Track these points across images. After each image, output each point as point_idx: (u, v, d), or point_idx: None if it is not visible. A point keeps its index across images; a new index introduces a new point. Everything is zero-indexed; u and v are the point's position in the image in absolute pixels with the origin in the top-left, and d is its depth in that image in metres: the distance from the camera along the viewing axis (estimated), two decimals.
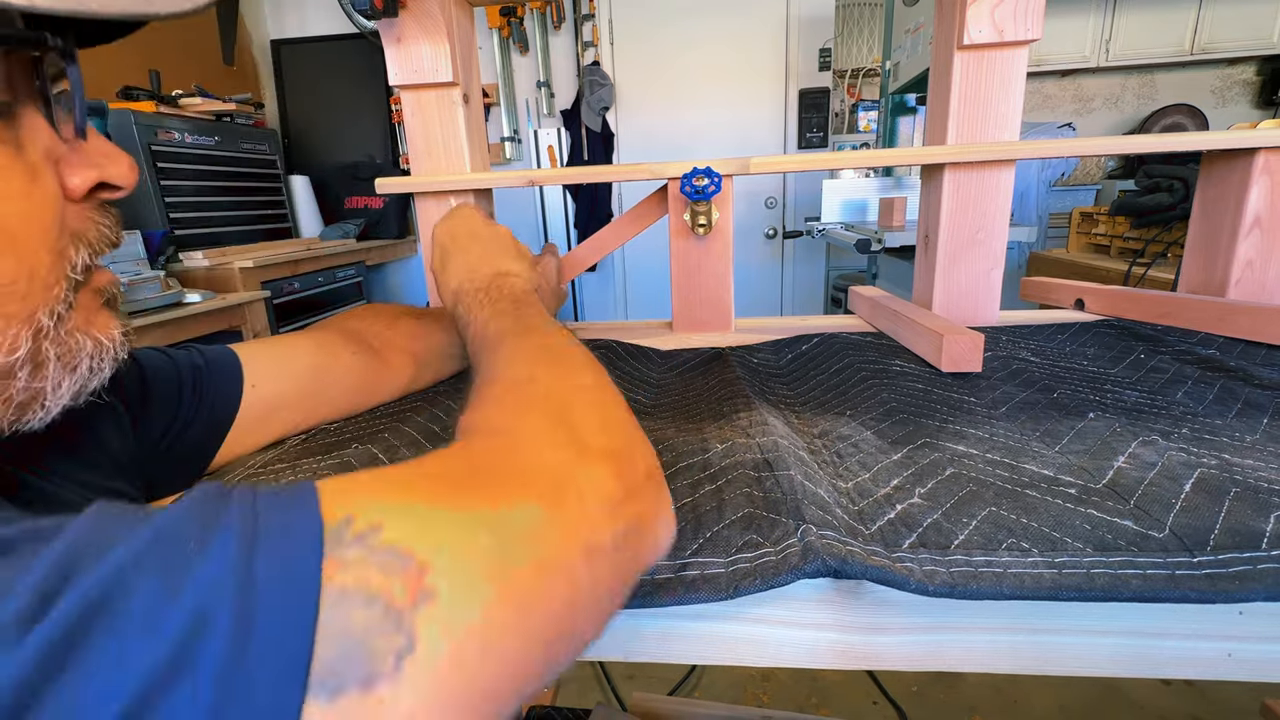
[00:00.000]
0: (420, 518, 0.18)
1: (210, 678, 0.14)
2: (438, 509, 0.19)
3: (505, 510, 0.20)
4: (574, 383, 0.31)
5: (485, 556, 0.18)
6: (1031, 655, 0.31)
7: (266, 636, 0.15)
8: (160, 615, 0.14)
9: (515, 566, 0.19)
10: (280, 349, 0.48)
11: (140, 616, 0.14)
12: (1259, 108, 2.98)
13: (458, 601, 0.17)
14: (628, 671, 1.31)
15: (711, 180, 0.68)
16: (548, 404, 0.28)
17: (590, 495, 0.23)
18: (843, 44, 3.22)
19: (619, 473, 0.24)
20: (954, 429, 0.45)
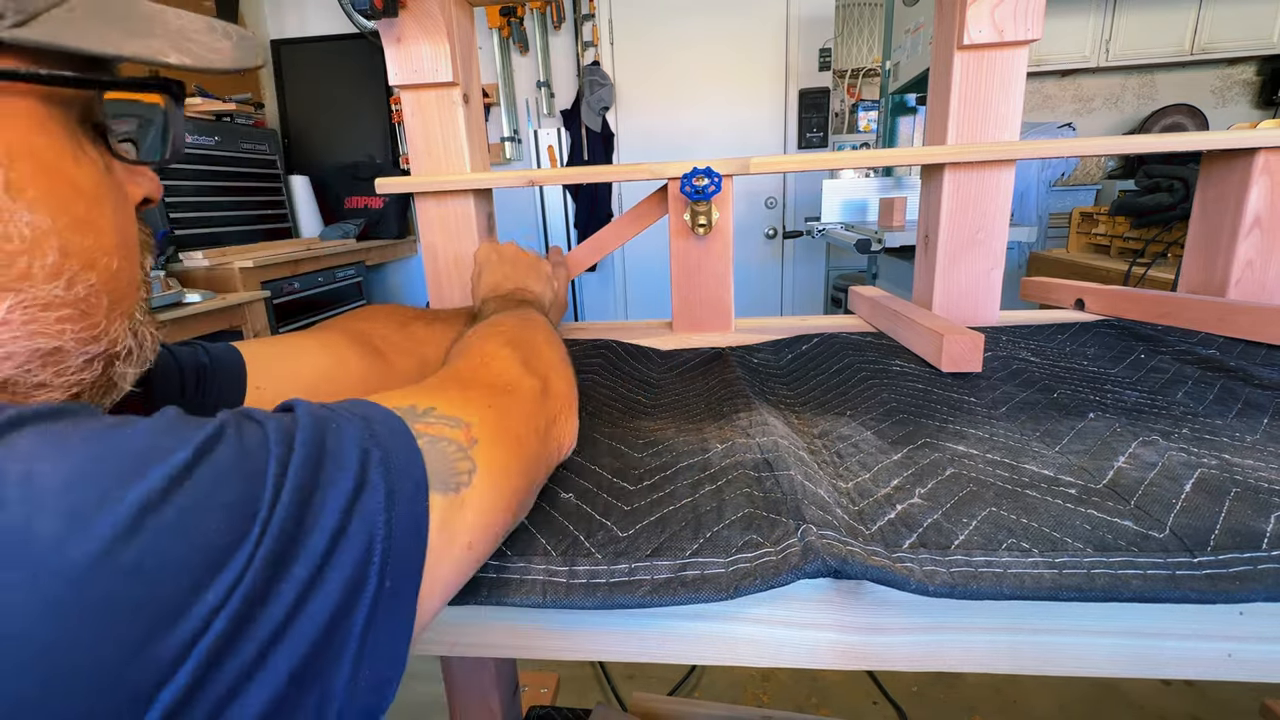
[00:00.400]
0: (454, 401, 0.30)
1: (381, 484, 0.23)
2: (461, 398, 0.31)
3: (494, 399, 0.32)
4: (527, 335, 0.43)
5: (495, 422, 0.30)
6: (1031, 655, 0.31)
7: (399, 465, 0.24)
8: (345, 459, 0.22)
9: (509, 429, 0.31)
10: (286, 351, 0.47)
11: (336, 462, 0.22)
12: (1259, 108, 2.98)
13: (491, 445, 0.29)
14: (628, 671, 1.31)
15: (711, 180, 0.68)
16: (508, 341, 0.40)
17: (528, 394, 0.35)
18: (843, 44, 3.22)
19: (543, 387, 0.37)
20: (954, 429, 0.45)
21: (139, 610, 0.16)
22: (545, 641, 0.33)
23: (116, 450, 0.18)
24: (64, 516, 0.16)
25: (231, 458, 0.20)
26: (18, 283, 0.24)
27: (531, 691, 1.18)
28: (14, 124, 0.24)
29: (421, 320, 0.60)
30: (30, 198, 0.24)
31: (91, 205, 0.27)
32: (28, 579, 0.15)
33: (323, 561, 0.20)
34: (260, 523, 0.19)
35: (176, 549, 0.17)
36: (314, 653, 0.19)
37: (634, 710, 0.96)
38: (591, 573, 0.31)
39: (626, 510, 0.36)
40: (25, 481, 0.16)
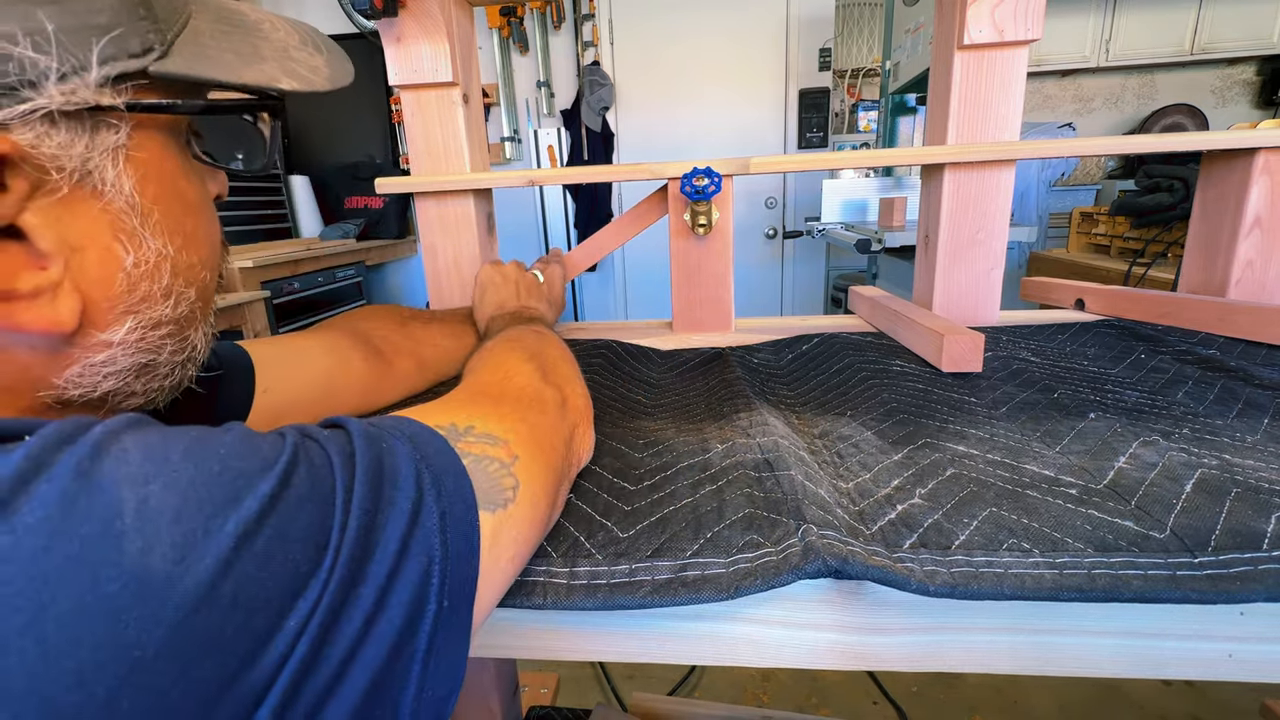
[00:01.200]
0: (489, 417, 0.30)
1: (435, 507, 0.23)
2: (496, 414, 0.31)
3: (525, 413, 0.33)
4: (543, 349, 0.44)
5: (530, 437, 0.31)
6: (1031, 655, 0.31)
7: (450, 487, 0.24)
8: (402, 481, 0.23)
9: (542, 442, 0.32)
10: (291, 353, 0.48)
11: (394, 484, 0.22)
12: (1259, 108, 2.98)
13: (530, 460, 0.29)
14: (628, 671, 1.31)
15: (711, 180, 0.68)
16: (528, 355, 0.41)
17: (551, 406, 0.36)
18: (843, 44, 3.22)
19: (562, 399, 0.38)
20: (954, 429, 0.45)
21: (237, 638, 0.17)
22: (545, 641, 0.33)
23: (214, 473, 0.19)
24: (176, 549, 0.17)
25: (307, 484, 0.20)
26: (139, 305, 0.26)
27: (531, 691, 1.18)
28: (148, 151, 0.25)
29: (419, 320, 0.60)
30: (155, 221, 0.26)
31: (197, 220, 0.29)
32: (146, 614, 0.16)
33: (386, 584, 0.20)
34: (333, 549, 0.20)
35: (266, 577, 0.18)
36: (383, 671, 0.20)
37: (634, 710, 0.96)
38: (592, 573, 0.31)
39: (627, 510, 0.36)
40: (141, 511, 0.17)
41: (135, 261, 0.25)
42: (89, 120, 0.23)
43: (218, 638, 0.17)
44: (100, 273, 0.24)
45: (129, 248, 0.25)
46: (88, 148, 0.23)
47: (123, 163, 0.24)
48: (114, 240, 0.24)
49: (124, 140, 0.24)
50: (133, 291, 0.25)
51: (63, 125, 0.22)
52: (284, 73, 0.29)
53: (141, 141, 0.25)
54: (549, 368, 0.41)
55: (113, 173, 0.24)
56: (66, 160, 0.23)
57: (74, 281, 0.24)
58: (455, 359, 0.61)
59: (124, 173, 0.24)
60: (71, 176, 0.23)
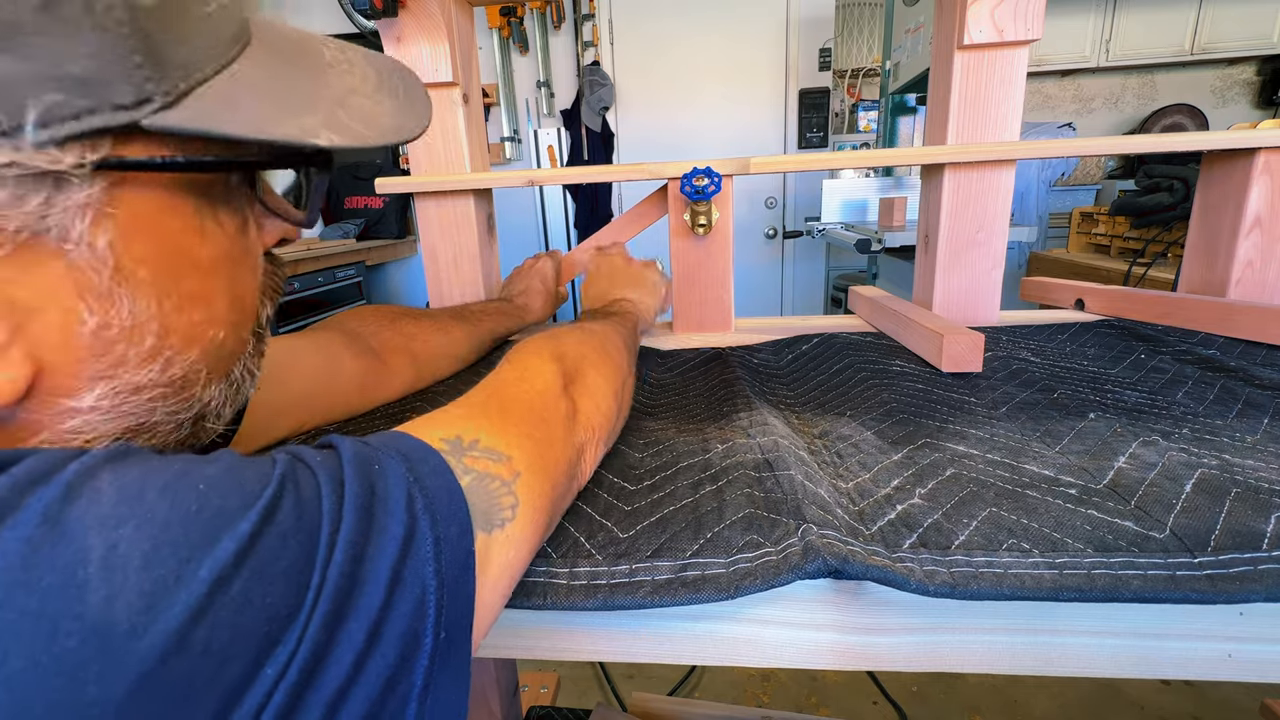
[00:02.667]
0: (496, 429, 0.29)
1: (429, 532, 0.22)
2: (502, 426, 0.29)
3: (534, 427, 0.31)
4: (580, 351, 0.42)
5: (535, 453, 0.30)
6: (1031, 655, 0.31)
7: (443, 510, 0.23)
8: (394, 505, 0.22)
9: (547, 459, 0.31)
10: (282, 355, 0.47)
11: (385, 508, 0.21)
12: (1259, 108, 2.98)
13: (531, 477, 0.29)
14: (628, 671, 1.31)
15: (711, 180, 0.68)
16: (556, 356, 0.39)
17: (561, 420, 0.34)
18: (843, 44, 3.22)
19: (572, 413, 0.36)
20: (954, 429, 0.45)
21: (208, 690, 0.16)
22: (545, 641, 0.33)
23: (191, 513, 0.18)
24: (144, 598, 0.16)
25: (292, 518, 0.19)
26: (111, 370, 0.23)
27: (531, 691, 1.18)
28: (139, 205, 0.23)
29: (409, 317, 0.61)
30: (139, 280, 0.23)
31: (206, 279, 0.26)
32: (108, 668, 0.15)
33: (379, 618, 0.19)
34: (314, 588, 0.19)
35: (243, 623, 0.17)
36: (379, 710, 0.19)
37: (634, 710, 0.96)
38: (592, 574, 0.31)
39: (627, 510, 0.36)
40: (108, 559, 0.16)
41: (103, 324, 0.22)
42: (48, 178, 0.20)
43: (187, 690, 0.16)
44: (58, 336, 0.22)
45: (95, 309, 0.22)
46: (46, 204, 0.20)
47: (92, 219, 0.21)
48: (79, 300, 0.22)
49: (98, 196, 0.21)
50: (103, 356, 0.23)
51: (10, 183, 0.19)
52: (326, 126, 0.26)
53: (125, 198, 0.22)
54: (575, 375, 0.39)
55: (80, 229, 0.21)
56: (13, 218, 0.20)
57: (26, 346, 0.21)
58: (447, 354, 0.62)
59: (99, 229, 0.22)
60: (18, 235, 0.20)
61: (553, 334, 0.44)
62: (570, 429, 0.35)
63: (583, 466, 0.37)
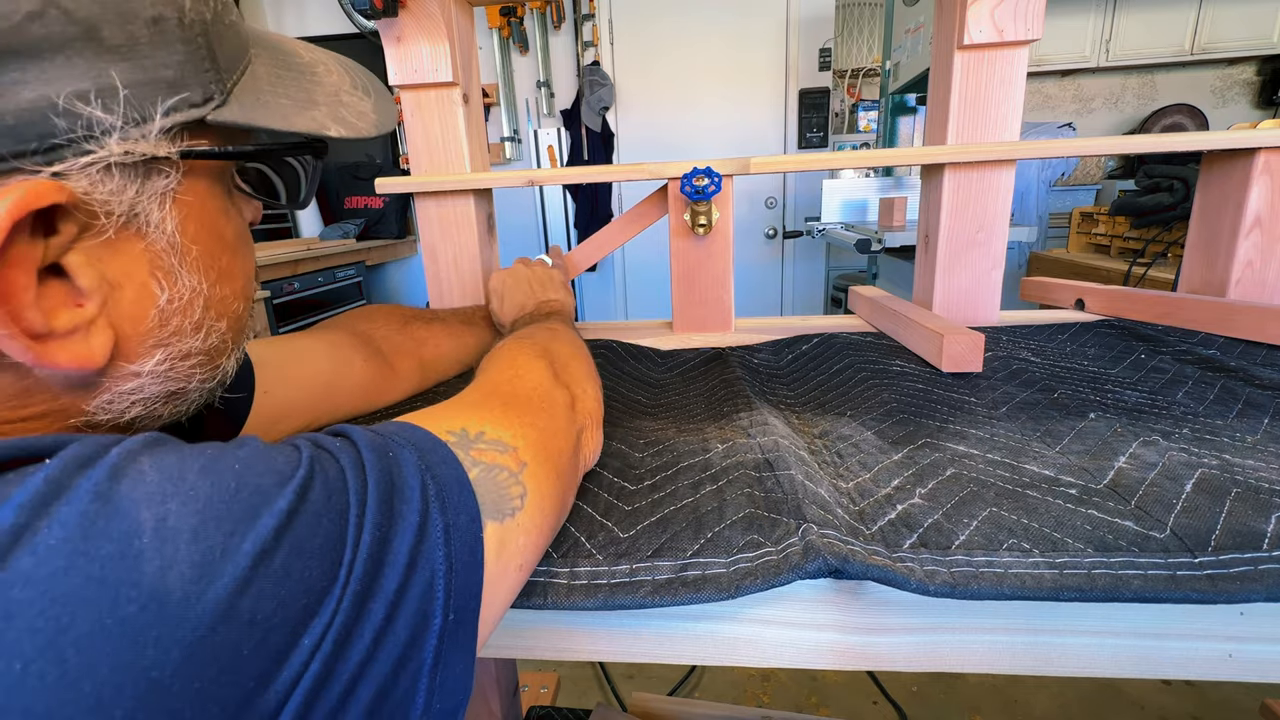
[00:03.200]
0: (499, 421, 0.30)
1: (440, 520, 0.23)
2: (505, 418, 0.31)
3: (535, 417, 0.33)
4: (555, 347, 0.44)
5: (539, 442, 0.31)
6: (1031, 655, 0.31)
7: (453, 499, 0.24)
8: (410, 494, 0.23)
9: (551, 447, 0.32)
10: (292, 355, 0.47)
11: (403, 497, 0.23)
12: (1259, 108, 2.98)
13: (538, 466, 0.30)
14: (628, 671, 1.31)
15: (711, 180, 0.68)
16: (539, 354, 0.41)
17: (561, 408, 0.36)
18: (843, 44, 3.22)
19: (571, 400, 0.38)
20: (954, 429, 0.45)
21: (253, 657, 0.17)
22: (545, 641, 0.33)
23: (231, 490, 0.19)
24: (194, 568, 0.17)
25: (323, 498, 0.20)
26: (170, 339, 0.26)
27: (531, 691, 1.18)
28: (194, 194, 0.26)
29: (420, 320, 0.60)
30: (193, 258, 0.26)
31: (233, 256, 0.29)
32: (165, 633, 0.16)
33: (395, 599, 0.21)
34: (347, 564, 0.20)
35: (284, 595, 0.18)
36: (390, 686, 0.20)
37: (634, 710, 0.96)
38: (592, 574, 0.31)
39: (627, 510, 0.36)
40: (160, 530, 0.17)
41: (170, 298, 0.25)
42: (143, 168, 0.23)
43: (234, 657, 0.17)
44: (135, 309, 0.25)
45: (164, 285, 0.25)
46: (138, 193, 0.24)
47: (169, 206, 0.25)
48: (150, 278, 0.25)
49: (174, 185, 0.25)
50: (164, 326, 0.26)
51: (117, 174, 0.23)
52: (333, 119, 0.30)
53: (190, 185, 0.26)
54: (560, 366, 0.41)
55: (158, 215, 0.24)
56: (116, 205, 0.23)
57: (109, 318, 0.24)
58: (456, 360, 0.61)
59: (169, 215, 0.25)
60: (119, 220, 0.23)
61: (525, 335, 0.46)
62: (571, 417, 0.37)
63: (584, 451, 0.38)
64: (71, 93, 0.20)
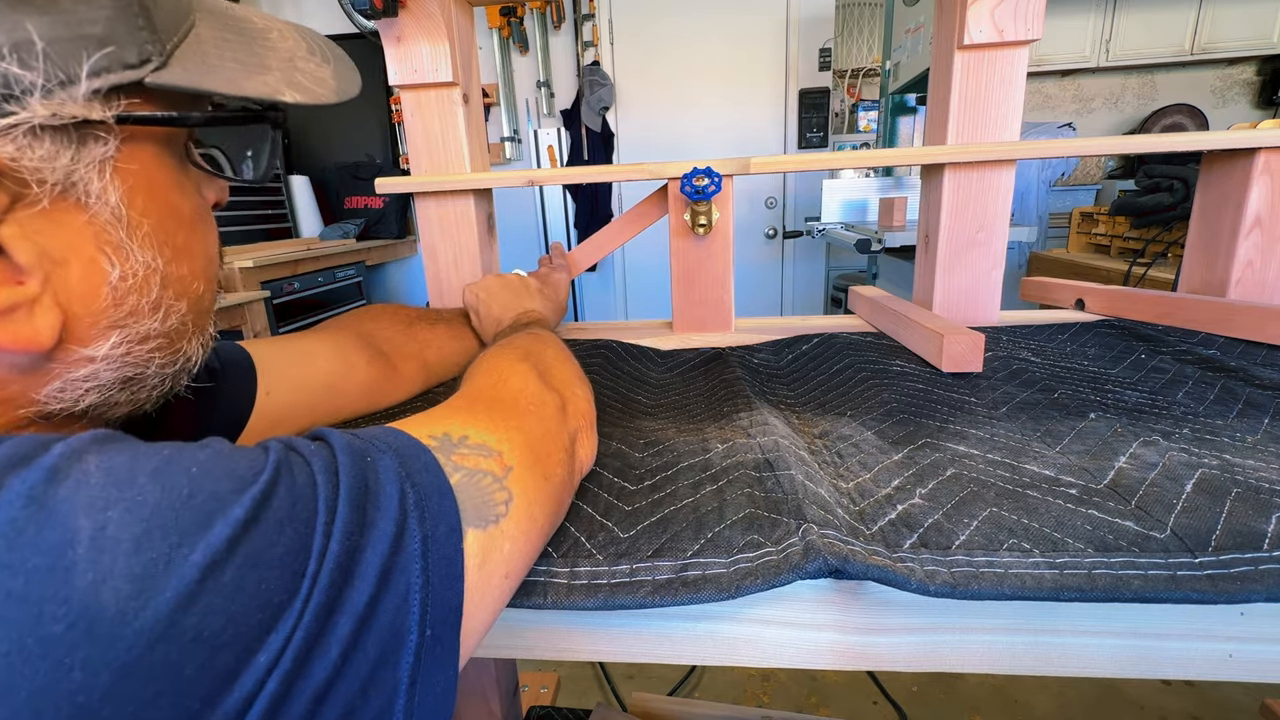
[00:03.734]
0: (483, 426, 0.29)
1: (418, 531, 0.22)
2: (489, 422, 0.29)
3: (521, 420, 0.31)
4: (540, 351, 0.43)
5: (525, 445, 0.30)
6: (1031, 655, 0.31)
7: (433, 508, 0.23)
8: (386, 502, 0.22)
9: (539, 451, 0.31)
10: (295, 355, 0.47)
11: (377, 505, 0.21)
12: (1259, 108, 2.98)
13: (524, 469, 0.28)
14: (628, 671, 1.31)
15: (711, 180, 0.68)
16: (523, 358, 0.40)
17: (551, 411, 0.35)
18: (843, 44, 3.22)
19: (561, 403, 0.37)
20: (955, 429, 0.45)
21: (199, 676, 0.16)
22: (545, 641, 0.33)
23: (183, 497, 0.18)
24: (133, 582, 0.16)
25: (286, 506, 0.19)
26: (126, 319, 0.25)
27: (531, 691, 1.18)
28: (139, 163, 0.25)
29: (424, 321, 0.60)
30: (144, 233, 0.25)
31: (190, 233, 0.28)
32: (94, 654, 0.15)
33: (365, 613, 0.19)
34: (310, 576, 0.19)
35: (236, 610, 0.17)
36: (360, 705, 0.19)
37: (634, 710, 0.96)
38: (592, 574, 0.31)
39: (627, 511, 0.36)
40: (97, 540, 0.16)
41: (121, 275, 0.24)
42: (75, 133, 0.22)
43: (175, 678, 0.16)
44: (83, 287, 0.23)
45: (115, 261, 0.24)
46: (73, 160, 0.22)
47: (110, 175, 0.23)
48: (99, 253, 0.23)
49: (113, 152, 0.23)
50: (119, 306, 0.24)
51: (46, 138, 0.21)
52: (288, 85, 0.28)
53: (132, 153, 0.24)
54: (547, 370, 0.40)
55: (99, 185, 0.23)
56: (49, 173, 0.22)
57: (54, 296, 0.23)
58: (460, 362, 0.61)
59: (111, 185, 0.23)
60: (53, 189, 0.22)
61: (505, 343, 0.44)
62: (562, 420, 0.35)
63: (579, 454, 0.37)
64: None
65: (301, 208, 2.67)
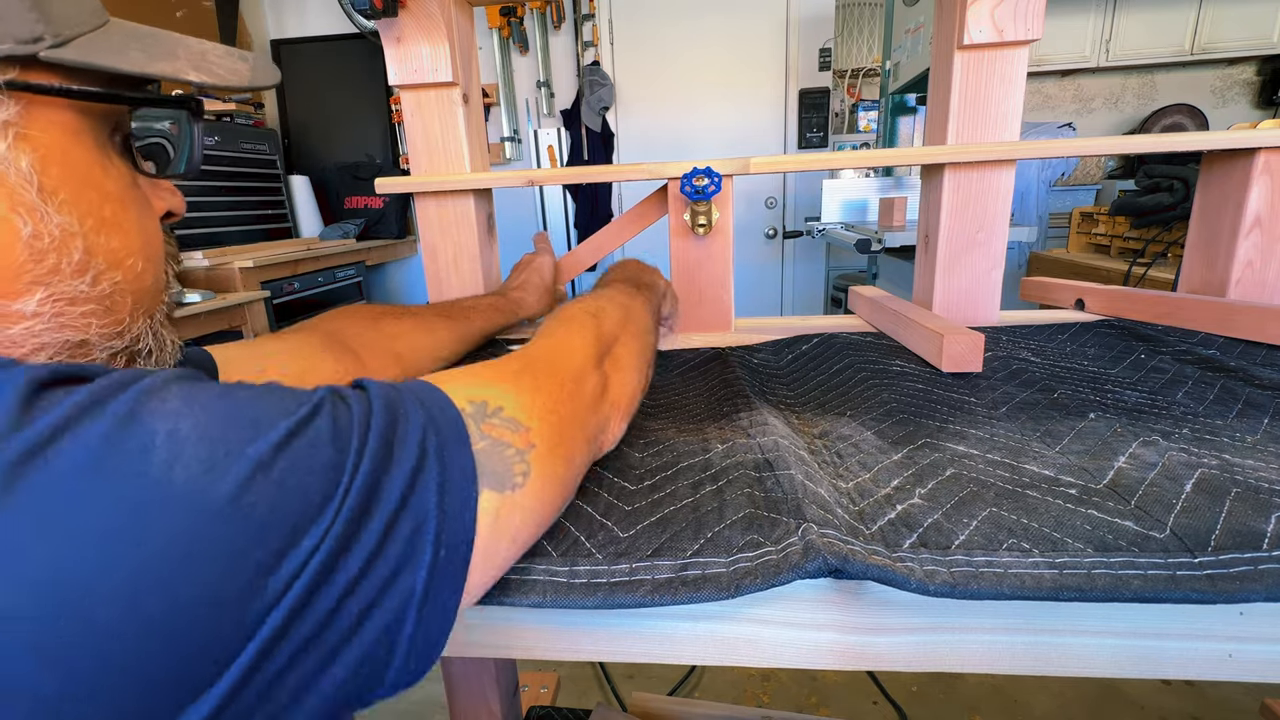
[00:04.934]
0: (523, 403, 0.31)
1: (436, 469, 0.25)
2: (531, 397, 0.31)
3: (560, 405, 0.33)
4: (616, 325, 0.45)
5: (556, 429, 0.32)
6: (1031, 655, 0.31)
7: (451, 456, 0.26)
8: (410, 443, 0.25)
9: (566, 435, 0.33)
10: (259, 356, 0.47)
11: (403, 444, 0.25)
12: (1259, 108, 2.98)
13: (547, 451, 0.30)
14: (628, 671, 1.31)
15: (711, 180, 0.68)
16: (597, 326, 0.42)
17: (589, 395, 0.37)
18: (843, 44, 3.22)
19: (603, 388, 0.39)
20: (954, 429, 0.45)
21: (251, 550, 0.20)
22: (545, 641, 0.33)
23: (239, 415, 0.22)
24: (200, 464, 0.20)
25: (327, 429, 0.23)
26: (47, 277, 0.27)
27: (531, 691, 1.18)
28: (50, 133, 0.27)
29: (391, 315, 0.60)
30: (60, 200, 0.27)
31: (118, 209, 0.30)
32: (169, 520, 0.19)
33: (385, 531, 0.23)
34: (343, 488, 0.22)
35: (282, 501, 0.21)
36: (378, 603, 0.22)
37: (634, 710, 0.96)
38: (592, 573, 0.31)
39: (627, 510, 0.36)
40: (171, 438, 0.20)
41: (34, 233, 0.26)
42: None
43: (233, 549, 0.19)
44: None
45: (27, 220, 0.26)
46: None
47: (13, 139, 0.25)
48: (11, 211, 0.25)
49: (13, 117, 0.25)
50: (39, 262, 0.26)
51: None
52: (195, 69, 0.30)
53: (40, 123, 0.26)
54: (609, 349, 0.42)
55: (2, 147, 0.25)
56: None
57: None
58: (432, 354, 0.61)
59: (17, 149, 0.26)
60: None
61: (593, 306, 0.46)
62: (598, 405, 0.37)
63: (604, 438, 0.39)
64: None
65: (301, 208, 2.67)
